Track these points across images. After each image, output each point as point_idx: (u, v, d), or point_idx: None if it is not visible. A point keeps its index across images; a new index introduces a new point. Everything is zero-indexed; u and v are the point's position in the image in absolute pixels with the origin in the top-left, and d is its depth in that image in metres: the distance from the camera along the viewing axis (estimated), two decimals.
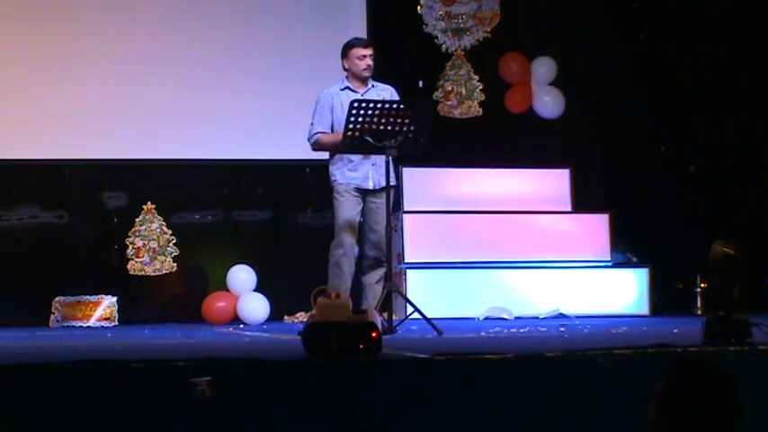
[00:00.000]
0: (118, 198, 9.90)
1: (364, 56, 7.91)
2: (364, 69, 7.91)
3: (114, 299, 9.40)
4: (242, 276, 9.59)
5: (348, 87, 7.96)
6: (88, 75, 9.57)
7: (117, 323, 9.34)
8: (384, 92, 7.96)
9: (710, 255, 5.87)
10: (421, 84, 10.39)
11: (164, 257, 9.84)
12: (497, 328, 7.99)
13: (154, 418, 4.72)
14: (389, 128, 7.29)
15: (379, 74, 8.09)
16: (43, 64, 9.52)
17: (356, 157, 7.86)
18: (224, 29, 9.87)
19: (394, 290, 7.50)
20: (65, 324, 9.29)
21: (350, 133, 7.34)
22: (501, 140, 10.29)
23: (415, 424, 5.01)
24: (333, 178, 7.98)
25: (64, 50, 9.56)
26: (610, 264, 9.83)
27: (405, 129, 7.32)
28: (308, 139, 7.94)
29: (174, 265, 9.88)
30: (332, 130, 7.84)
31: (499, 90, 10.55)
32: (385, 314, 7.23)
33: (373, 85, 8.01)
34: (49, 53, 9.53)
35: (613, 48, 10.55)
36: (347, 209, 7.91)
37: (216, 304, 9.53)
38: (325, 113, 7.90)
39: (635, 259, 10.00)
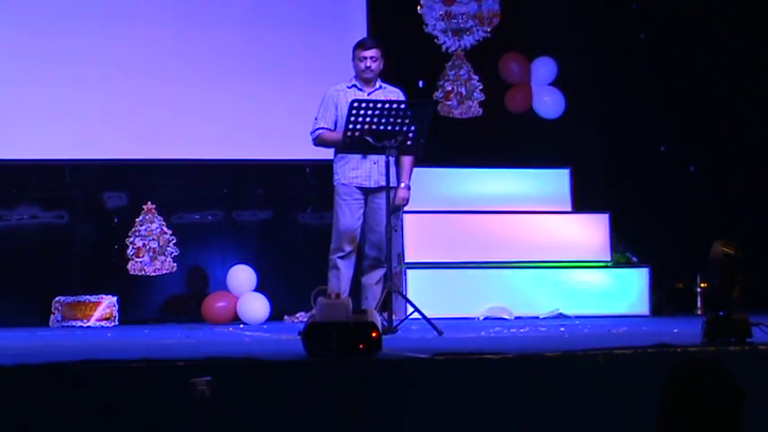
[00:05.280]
0: (118, 198, 9.89)
1: (365, 57, 7.92)
2: (364, 71, 7.93)
3: (114, 299, 9.39)
4: (242, 276, 9.59)
5: (355, 85, 7.98)
6: (88, 75, 9.57)
7: (117, 323, 9.33)
8: (391, 93, 7.97)
9: (710, 255, 5.87)
10: (421, 84, 10.38)
11: (164, 257, 9.84)
12: (497, 328, 8.00)
13: (154, 418, 4.72)
14: (389, 128, 7.30)
15: (380, 74, 8.09)
16: (44, 64, 9.51)
17: (357, 155, 7.85)
18: (224, 29, 9.86)
19: (394, 290, 7.50)
20: (65, 324, 9.29)
21: (350, 133, 7.36)
22: (501, 140, 10.28)
23: (415, 424, 5.01)
24: (336, 177, 7.98)
25: (64, 50, 9.55)
26: (610, 264, 9.83)
27: (405, 129, 7.33)
28: (311, 134, 7.96)
29: (174, 265, 9.88)
30: (335, 127, 7.85)
31: (499, 90, 10.54)
32: (385, 314, 7.23)
33: (381, 86, 8.01)
34: (50, 53, 9.53)
35: (613, 48, 10.55)
36: (348, 217, 7.89)
37: (216, 304, 9.52)
38: (330, 109, 7.92)
39: (635, 259, 10.00)
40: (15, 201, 9.66)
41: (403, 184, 7.99)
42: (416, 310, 7.45)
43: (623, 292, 9.69)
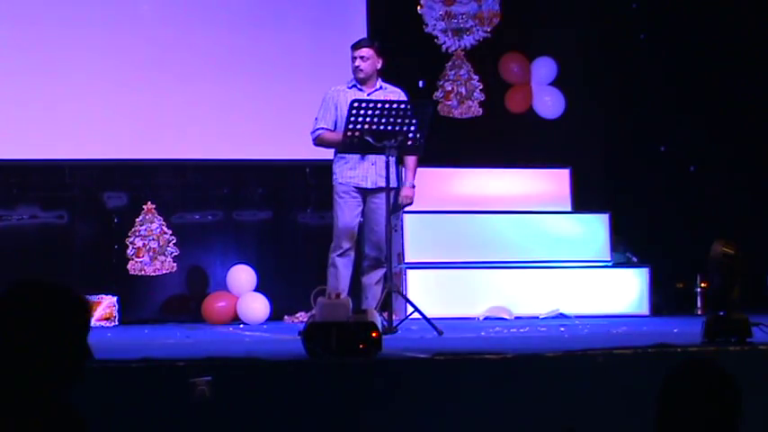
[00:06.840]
0: (118, 198, 9.89)
1: (355, 57, 7.94)
2: (354, 70, 7.95)
3: (114, 299, 9.39)
4: (242, 276, 9.59)
5: (355, 85, 7.98)
6: (88, 75, 9.57)
7: (117, 323, 9.33)
8: (392, 93, 7.96)
9: (710, 255, 5.88)
10: (421, 84, 10.38)
11: (164, 257, 9.84)
12: (497, 328, 8.00)
13: (154, 418, 4.72)
14: (389, 128, 7.31)
15: (380, 74, 8.09)
16: (43, 64, 9.51)
17: (355, 155, 7.85)
18: (224, 29, 9.87)
19: (394, 290, 7.51)
20: None
21: (350, 133, 7.36)
22: (501, 140, 10.28)
23: (415, 424, 5.01)
24: (334, 176, 7.98)
25: (64, 51, 9.55)
26: (610, 264, 9.83)
27: (405, 129, 7.34)
28: (311, 134, 7.96)
29: (174, 265, 9.88)
30: (335, 127, 7.86)
31: (499, 90, 10.54)
32: (385, 314, 7.24)
33: (381, 86, 8.01)
34: (50, 53, 9.52)
35: (613, 48, 10.55)
36: (346, 214, 7.89)
37: (216, 304, 9.52)
38: (330, 109, 7.92)
39: (635, 259, 10.00)
40: (15, 201, 9.66)
41: (408, 183, 8.01)
42: (416, 310, 7.46)
43: (623, 292, 9.68)
